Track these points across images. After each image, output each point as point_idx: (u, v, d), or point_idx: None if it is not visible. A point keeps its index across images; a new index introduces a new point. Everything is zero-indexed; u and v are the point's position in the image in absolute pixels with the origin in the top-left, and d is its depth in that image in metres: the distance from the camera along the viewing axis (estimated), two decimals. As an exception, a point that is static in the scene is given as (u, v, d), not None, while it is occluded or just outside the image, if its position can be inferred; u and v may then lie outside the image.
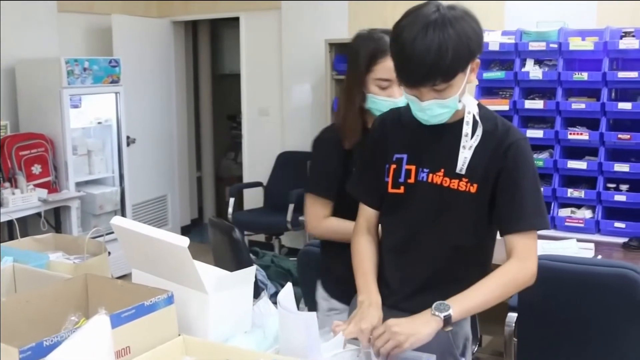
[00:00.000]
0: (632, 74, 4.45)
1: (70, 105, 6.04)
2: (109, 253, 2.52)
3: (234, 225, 4.02)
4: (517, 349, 3.14)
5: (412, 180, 2.15)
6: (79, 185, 6.28)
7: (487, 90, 5.11)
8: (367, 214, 2.33)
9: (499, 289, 2.04)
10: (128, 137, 6.78)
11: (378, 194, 2.26)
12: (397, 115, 2.21)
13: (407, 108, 2.13)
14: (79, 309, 1.85)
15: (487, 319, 3.40)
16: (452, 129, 2.10)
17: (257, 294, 2.08)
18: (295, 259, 3.89)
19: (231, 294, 1.91)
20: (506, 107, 4.89)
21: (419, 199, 2.15)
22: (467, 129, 2.08)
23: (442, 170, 2.11)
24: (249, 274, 1.97)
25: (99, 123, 6.56)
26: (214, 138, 8.97)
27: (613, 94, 4.71)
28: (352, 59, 2.64)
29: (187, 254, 1.79)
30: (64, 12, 6.62)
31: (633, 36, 4.52)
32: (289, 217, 6.35)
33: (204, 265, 1.99)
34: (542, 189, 2.26)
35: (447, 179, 2.10)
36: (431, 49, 1.91)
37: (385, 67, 2.44)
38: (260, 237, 7.09)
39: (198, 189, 8.82)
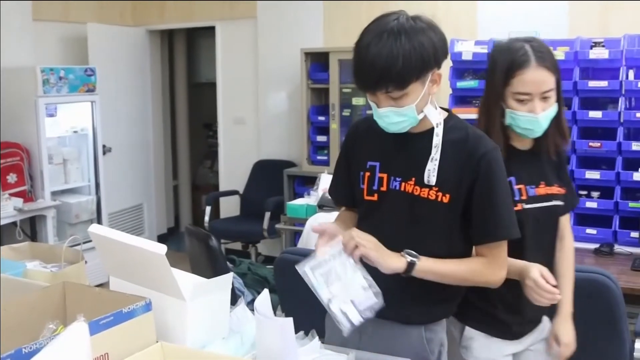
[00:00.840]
0: (602, 83, 4.52)
1: (45, 114, 6.03)
2: (86, 262, 2.52)
3: (210, 233, 4.03)
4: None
5: (384, 188, 2.19)
6: (54, 194, 6.26)
7: (460, 99, 5.16)
8: (343, 216, 2.41)
9: (466, 272, 2.12)
10: (104, 146, 6.76)
11: (355, 198, 2.30)
12: (371, 123, 2.22)
13: None
14: (57, 317, 1.86)
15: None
16: (423, 138, 2.13)
17: (234, 302, 2.10)
18: (272, 266, 3.91)
19: (209, 301, 1.93)
20: (479, 116, 4.94)
21: (392, 207, 2.18)
22: (437, 140, 2.11)
23: (414, 179, 2.14)
24: (226, 280, 1.99)
25: (75, 132, 6.55)
26: (190, 146, 8.96)
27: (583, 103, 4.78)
28: (489, 72, 2.49)
29: (164, 261, 1.81)
30: (39, 20, 6.60)
31: (603, 46, 4.60)
32: (265, 225, 6.37)
33: (181, 272, 2.00)
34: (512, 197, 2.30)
35: (418, 188, 2.13)
36: (382, 55, 1.96)
37: (523, 80, 2.32)
38: (237, 245, 7.10)
39: (174, 197, 8.81)
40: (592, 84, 4.56)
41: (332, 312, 1.97)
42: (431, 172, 2.10)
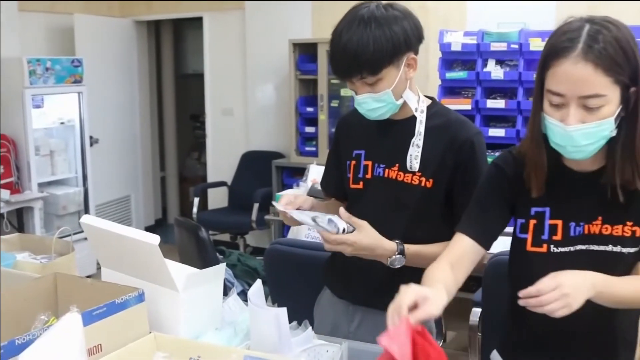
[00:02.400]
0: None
1: (32, 105, 5.99)
2: (74, 253, 2.52)
3: (199, 224, 4.03)
4: (481, 344, 3.19)
5: (369, 175, 2.23)
6: (41, 185, 6.23)
7: (449, 90, 5.18)
8: (330, 204, 2.42)
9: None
10: (91, 137, 6.73)
11: (344, 188, 2.33)
12: (359, 113, 2.23)
13: None
14: (49, 308, 1.85)
15: (451, 314, 3.44)
16: (406, 125, 2.17)
17: (224, 293, 2.10)
18: (261, 257, 3.92)
19: (201, 291, 1.92)
20: (468, 107, 4.96)
21: (376, 193, 2.21)
22: (419, 125, 2.14)
23: (397, 165, 2.18)
24: (219, 271, 1.99)
25: (62, 123, 6.51)
26: (178, 138, 8.94)
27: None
28: None
29: (157, 251, 1.80)
30: (25, 11, 6.55)
31: (591, 37, 4.61)
32: (253, 216, 6.37)
33: (174, 263, 2.00)
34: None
35: (402, 174, 2.16)
36: (353, 42, 2.00)
37: (556, 74, 1.68)
38: (225, 237, 7.10)
39: (162, 189, 8.78)
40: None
41: (320, 225, 2.04)
42: (413, 158, 2.13)
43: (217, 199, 7.38)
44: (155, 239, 1.80)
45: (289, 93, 6.54)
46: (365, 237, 2.04)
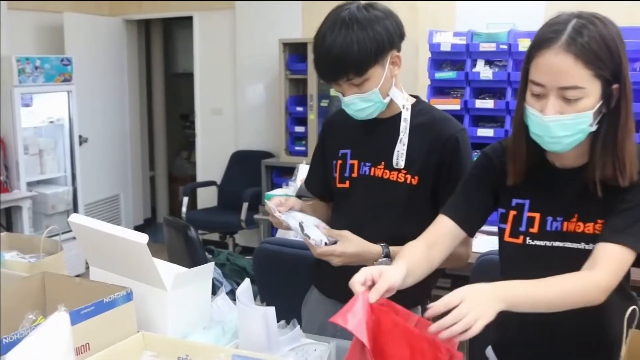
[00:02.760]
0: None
1: (21, 104, 5.98)
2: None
3: (188, 224, 4.03)
4: (469, 341, 3.20)
5: (355, 174, 2.25)
6: (30, 185, 6.21)
7: (438, 90, 5.19)
8: (316, 205, 2.45)
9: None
10: (80, 137, 6.72)
11: (329, 188, 2.37)
12: (344, 114, 2.26)
13: None
14: (37, 307, 1.84)
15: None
16: (391, 123, 2.20)
17: (213, 292, 2.10)
18: (250, 257, 3.92)
19: (190, 290, 1.92)
20: (457, 107, 4.97)
21: (362, 192, 2.24)
22: (404, 123, 2.17)
23: (383, 163, 2.21)
24: (207, 270, 1.99)
25: (51, 122, 6.50)
26: (167, 137, 8.93)
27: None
28: None
29: (146, 250, 1.80)
30: (14, 9, 6.53)
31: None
32: (243, 215, 6.37)
33: (162, 262, 2.00)
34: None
35: (388, 172, 2.20)
36: (337, 44, 2.02)
37: (538, 64, 1.70)
38: (214, 236, 7.10)
39: (151, 188, 8.78)
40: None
41: (305, 234, 2.10)
42: (400, 155, 2.16)
43: (207, 198, 7.37)
44: (143, 238, 1.80)
45: (279, 93, 6.54)
46: (350, 246, 2.08)
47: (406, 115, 2.18)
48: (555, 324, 1.78)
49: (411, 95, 2.28)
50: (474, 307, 1.53)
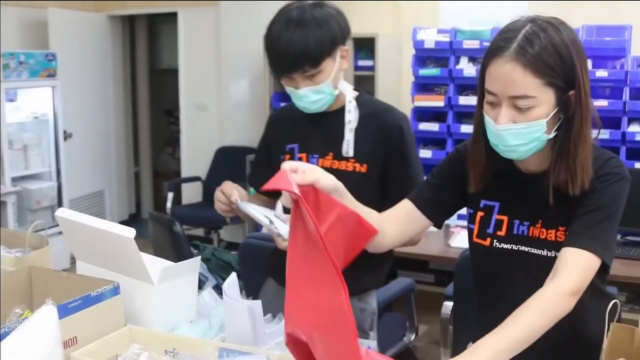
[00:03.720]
0: (562, 72, 4.61)
1: (5, 99, 5.95)
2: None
3: (174, 219, 4.04)
4: (453, 337, 3.24)
5: None
6: (15, 180, 6.18)
7: (422, 86, 5.22)
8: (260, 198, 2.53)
9: None
10: (65, 132, 6.69)
11: None
12: (288, 110, 2.40)
13: None
14: (23, 302, 1.86)
15: (423, 308, 3.49)
16: (335, 116, 2.30)
17: (199, 287, 2.12)
18: (235, 252, 3.94)
19: (176, 284, 1.94)
20: (441, 103, 5.02)
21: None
22: (349, 116, 2.26)
23: (331, 154, 2.31)
24: (194, 264, 2.01)
25: (36, 117, 6.47)
26: (152, 133, 8.91)
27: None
28: None
29: (133, 244, 1.82)
30: (-2, 4, 6.52)
31: (562, 35, 4.68)
32: (227, 211, 6.36)
33: (149, 256, 2.01)
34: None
35: (336, 162, 2.29)
36: (294, 40, 2.14)
37: (490, 73, 1.71)
38: (199, 232, 7.10)
39: (136, 184, 8.76)
40: (552, 73, 4.63)
41: (274, 227, 2.14)
42: (349, 144, 2.26)
43: (191, 193, 7.37)
44: (130, 232, 1.82)
45: (264, 89, 6.54)
46: None
47: (350, 107, 2.28)
48: None
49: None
50: None
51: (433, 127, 5.09)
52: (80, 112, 7.14)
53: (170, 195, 6.80)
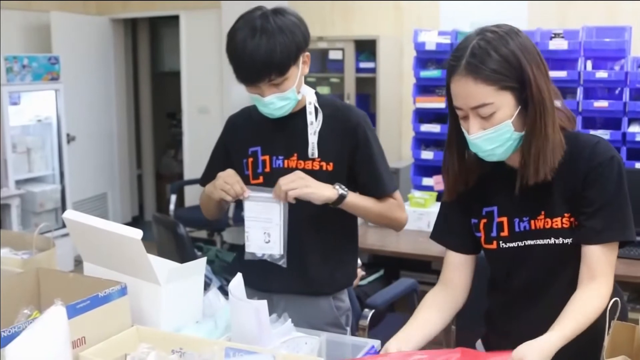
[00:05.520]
0: (562, 73, 4.64)
1: (9, 102, 5.99)
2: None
3: (177, 221, 4.06)
4: (455, 337, 3.25)
5: (268, 169, 2.39)
6: (18, 183, 6.21)
7: (423, 88, 5.24)
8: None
9: (381, 207, 2.39)
10: (68, 135, 6.73)
11: None
12: (248, 113, 2.45)
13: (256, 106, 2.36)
14: (31, 303, 1.87)
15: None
16: (297, 117, 2.35)
17: (204, 288, 2.15)
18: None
19: (182, 285, 1.97)
20: (443, 105, 5.03)
21: None
22: (311, 117, 2.32)
23: (295, 154, 2.35)
24: (200, 265, 2.04)
25: (39, 120, 6.51)
26: (154, 136, 8.93)
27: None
28: None
29: (140, 245, 1.84)
30: (1, 9, 6.53)
31: (562, 37, 4.70)
32: (230, 213, 6.39)
33: (156, 257, 2.04)
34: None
35: (302, 162, 2.34)
36: (260, 49, 2.15)
37: (452, 90, 1.85)
38: (202, 234, 7.12)
39: (138, 186, 8.78)
40: (552, 74, 4.62)
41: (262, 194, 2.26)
42: (314, 146, 2.31)
43: (194, 196, 7.37)
44: (137, 233, 1.84)
45: (265, 91, 6.55)
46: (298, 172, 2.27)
47: (311, 109, 2.34)
48: (542, 318, 1.85)
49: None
50: None
51: (435, 128, 5.11)
52: (83, 115, 7.18)
53: (173, 197, 6.82)
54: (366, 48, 5.88)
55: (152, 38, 8.95)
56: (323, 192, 2.23)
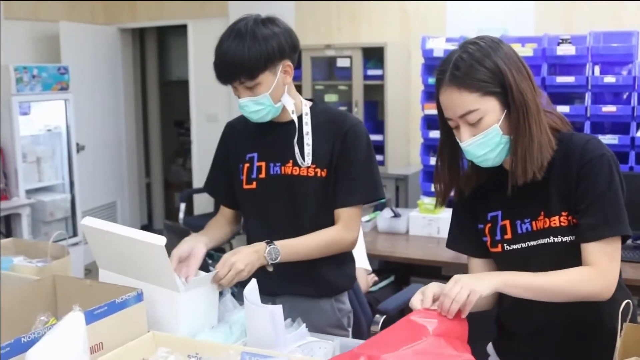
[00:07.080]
0: (570, 79, 4.65)
1: (19, 112, 6.02)
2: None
3: (188, 229, 4.08)
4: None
5: (263, 175, 2.42)
6: (29, 192, 6.24)
7: (431, 95, 5.24)
8: (225, 211, 2.64)
9: (323, 237, 2.36)
10: (77, 144, 6.76)
11: (232, 192, 2.53)
12: (245, 119, 2.45)
13: None
14: (48, 309, 1.89)
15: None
16: (290, 126, 2.39)
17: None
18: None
19: (199, 292, 1.99)
20: (451, 111, 5.04)
21: (273, 191, 2.42)
22: (307, 128, 2.37)
23: (291, 161, 2.38)
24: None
25: (49, 130, 6.54)
26: (162, 144, 8.97)
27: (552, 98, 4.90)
28: None
29: (163, 252, 1.86)
30: (10, 19, 6.57)
31: (569, 43, 4.72)
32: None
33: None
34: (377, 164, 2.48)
35: (297, 169, 2.37)
36: (231, 50, 2.23)
37: (441, 102, 1.94)
38: (211, 242, 7.12)
39: (147, 195, 8.82)
40: (560, 79, 4.68)
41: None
42: (306, 154, 2.35)
43: (203, 204, 7.41)
44: (161, 240, 1.86)
45: (273, 99, 6.56)
46: (232, 252, 2.25)
47: (307, 120, 2.38)
48: (554, 319, 1.91)
49: (307, 99, 2.48)
50: (465, 284, 1.75)
51: (443, 134, 5.11)
52: (92, 125, 7.22)
53: (182, 205, 6.84)
54: (374, 55, 5.90)
55: (159, 47, 8.99)
56: (254, 264, 2.22)
